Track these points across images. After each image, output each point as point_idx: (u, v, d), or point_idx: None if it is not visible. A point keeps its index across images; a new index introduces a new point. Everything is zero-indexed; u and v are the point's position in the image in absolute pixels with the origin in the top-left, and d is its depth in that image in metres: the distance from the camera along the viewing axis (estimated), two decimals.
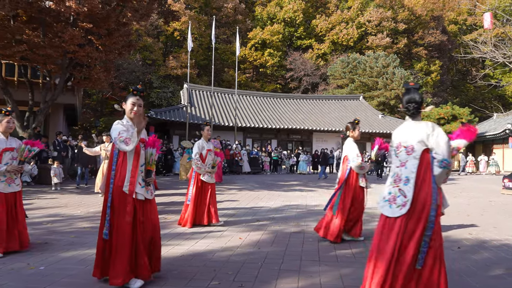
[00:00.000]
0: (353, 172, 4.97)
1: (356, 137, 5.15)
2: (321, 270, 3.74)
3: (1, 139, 4.25)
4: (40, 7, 11.84)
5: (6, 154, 4.22)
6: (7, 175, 4.19)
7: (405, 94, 2.87)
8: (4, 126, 4.25)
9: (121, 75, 29.92)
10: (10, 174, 4.22)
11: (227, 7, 39.40)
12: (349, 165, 5.02)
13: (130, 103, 3.29)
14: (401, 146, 2.78)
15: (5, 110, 4.31)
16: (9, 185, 4.20)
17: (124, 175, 3.17)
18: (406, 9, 42.27)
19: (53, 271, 3.59)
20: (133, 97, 3.29)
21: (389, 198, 2.75)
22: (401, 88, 33.48)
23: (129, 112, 3.29)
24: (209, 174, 5.84)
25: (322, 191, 11.54)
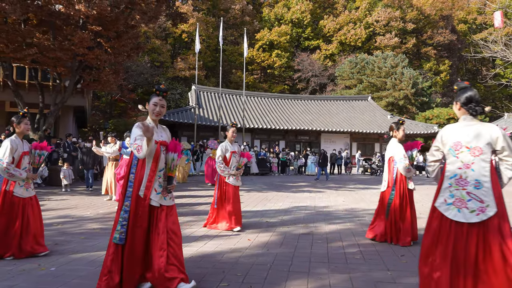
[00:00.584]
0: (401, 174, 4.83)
1: (401, 137, 4.98)
2: (330, 272, 3.71)
3: (19, 142, 4.20)
4: (50, 10, 11.98)
5: (25, 158, 4.22)
6: (25, 180, 4.19)
7: (463, 93, 2.74)
8: (23, 127, 4.22)
9: (130, 77, 30.15)
10: (28, 180, 4.23)
11: (234, 8, 39.50)
12: (395, 166, 4.88)
13: (152, 103, 3.16)
14: (462, 146, 2.64)
15: (23, 111, 4.27)
16: (26, 189, 4.20)
17: (142, 179, 3.06)
18: (414, 9, 41.95)
19: (63, 272, 3.62)
20: (156, 97, 3.15)
21: (453, 201, 2.59)
22: (410, 89, 33.23)
23: (151, 113, 3.17)
24: (234, 177, 5.69)
25: (331, 192, 11.48)
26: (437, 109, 31.05)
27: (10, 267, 3.74)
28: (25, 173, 4.14)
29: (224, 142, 5.84)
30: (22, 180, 4.14)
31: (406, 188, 4.84)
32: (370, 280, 3.48)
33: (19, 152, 4.15)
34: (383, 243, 4.89)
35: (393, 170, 4.91)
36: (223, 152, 5.71)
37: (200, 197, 9.66)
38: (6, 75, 13.67)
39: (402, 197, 4.81)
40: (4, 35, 12.14)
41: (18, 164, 4.15)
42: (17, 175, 4.08)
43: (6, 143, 4.08)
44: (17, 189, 4.11)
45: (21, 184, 4.15)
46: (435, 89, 39.63)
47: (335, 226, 6.11)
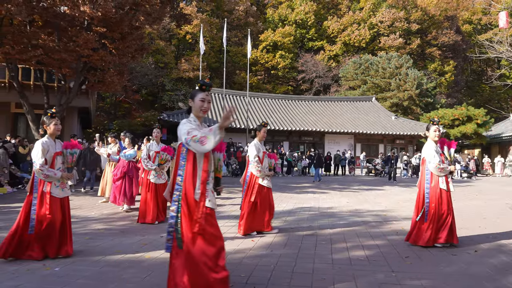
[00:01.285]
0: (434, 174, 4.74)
1: (433, 138, 4.86)
2: (334, 273, 3.70)
3: (51, 143, 4.18)
4: (55, 12, 12.06)
5: (57, 158, 4.21)
6: (61, 180, 4.20)
7: None
8: (53, 128, 4.18)
9: (134, 78, 30.25)
10: (63, 179, 4.24)
11: (238, 9, 39.54)
12: (427, 167, 4.79)
13: (199, 99, 2.96)
14: None
15: (51, 112, 4.21)
16: (62, 189, 4.22)
17: (195, 180, 2.84)
18: (419, 9, 41.79)
19: (68, 272, 3.64)
20: (202, 93, 2.96)
21: None
22: (414, 89, 33.09)
23: (198, 110, 2.97)
24: (268, 178, 5.53)
25: (335, 193, 11.45)
26: (442, 110, 30.88)
27: (15, 267, 3.76)
28: (59, 173, 4.14)
29: (255, 141, 5.50)
30: (58, 180, 4.15)
31: (440, 188, 4.67)
32: (375, 281, 3.47)
33: (51, 153, 4.14)
34: (386, 245, 4.87)
35: (426, 171, 4.80)
36: (257, 152, 5.41)
37: None
38: (11, 76, 13.77)
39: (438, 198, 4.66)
40: (10, 36, 12.24)
41: (52, 165, 4.15)
42: (52, 175, 4.06)
43: (38, 145, 4.08)
44: (53, 189, 4.11)
45: (56, 185, 4.15)
46: (439, 90, 39.43)
47: (339, 227, 6.09)
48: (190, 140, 2.72)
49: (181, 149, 2.90)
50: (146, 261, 4.07)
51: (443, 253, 4.48)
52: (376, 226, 6.17)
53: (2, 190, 10.23)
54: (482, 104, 36.09)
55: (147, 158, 6.56)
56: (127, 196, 7.50)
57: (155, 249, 4.55)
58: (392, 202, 9.41)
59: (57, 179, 4.13)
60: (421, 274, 3.70)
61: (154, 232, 5.50)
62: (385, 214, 7.38)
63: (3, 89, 16.50)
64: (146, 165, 6.53)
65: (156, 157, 6.60)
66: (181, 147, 2.90)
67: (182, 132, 2.81)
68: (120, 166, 7.65)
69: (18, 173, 11.98)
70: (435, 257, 4.32)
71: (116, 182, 7.55)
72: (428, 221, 4.67)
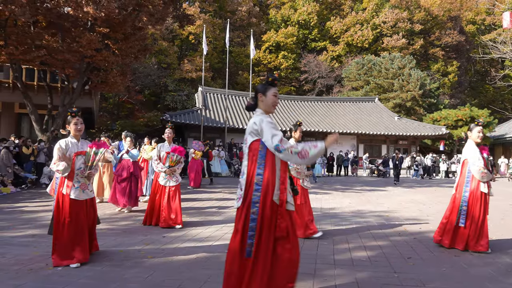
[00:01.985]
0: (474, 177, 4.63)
1: (475, 139, 4.76)
2: (336, 273, 3.70)
3: (73, 142, 4.04)
4: (59, 13, 12.12)
5: (78, 158, 4.01)
6: (81, 181, 3.99)
7: None
8: (73, 128, 4.02)
9: (137, 79, 30.33)
10: (84, 180, 4.01)
11: (241, 10, 39.57)
12: (469, 169, 4.67)
13: (272, 94, 2.85)
14: None
15: (71, 111, 4.04)
16: (83, 191, 3.98)
17: (274, 182, 2.71)
18: (422, 10, 41.67)
19: (70, 272, 3.65)
20: (274, 88, 2.87)
21: None
22: (417, 90, 33.00)
23: (270, 105, 2.88)
24: (307, 179, 5.42)
25: (337, 194, 11.43)
26: (445, 110, 30.79)
27: (17, 267, 3.78)
28: (62, 164, 3.87)
29: (292, 141, 5.27)
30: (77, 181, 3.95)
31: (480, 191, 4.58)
32: (377, 282, 3.46)
33: (71, 152, 3.96)
34: (389, 246, 4.85)
35: (466, 172, 4.71)
36: None
37: (206, 199, 9.67)
38: (15, 77, 13.85)
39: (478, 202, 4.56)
40: (14, 37, 12.32)
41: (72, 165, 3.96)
42: (60, 168, 3.85)
43: (56, 145, 3.97)
44: (73, 191, 3.91)
45: (76, 186, 3.93)
46: (443, 90, 39.30)
47: (342, 227, 6.08)
48: (285, 150, 2.63)
49: (258, 147, 2.76)
50: (148, 261, 4.08)
51: (446, 254, 4.46)
52: (378, 227, 6.15)
53: (6, 190, 10.28)
54: (486, 105, 35.98)
55: (157, 159, 6.15)
56: (132, 197, 7.31)
57: (158, 249, 4.56)
58: (395, 203, 9.39)
59: (63, 170, 3.86)
60: (423, 275, 3.69)
61: (156, 232, 5.51)
62: (387, 215, 7.37)
63: (7, 89, 16.60)
64: (156, 167, 6.12)
65: (167, 158, 6.15)
66: (259, 145, 2.76)
67: (269, 135, 2.69)
68: (125, 166, 7.41)
69: (22, 173, 12.03)
70: (437, 258, 4.30)
71: (122, 183, 7.29)
72: (468, 226, 4.54)
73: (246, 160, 2.81)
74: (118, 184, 7.33)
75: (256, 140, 2.77)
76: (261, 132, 2.73)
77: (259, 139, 2.75)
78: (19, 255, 4.20)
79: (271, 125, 2.73)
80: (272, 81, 2.89)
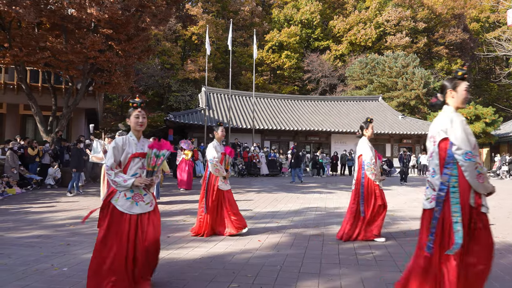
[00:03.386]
0: None
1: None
2: (341, 273, 3.68)
3: (131, 140, 3.22)
4: (63, 14, 12.18)
5: (135, 161, 3.17)
6: (135, 191, 3.11)
7: None
8: (133, 122, 3.22)
9: (140, 80, 30.41)
10: (139, 189, 3.13)
11: (244, 10, 39.58)
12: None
13: (464, 89, 2.75)
14: None
15: (133, 101, 3.28)
16: (136, 203, 3.09)
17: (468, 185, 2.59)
18: (425, 8, 41.49)
19: (76, 272, 3.66)
20: (464, 83, 2.79)
21: None
22: (421, 89, 32.87)
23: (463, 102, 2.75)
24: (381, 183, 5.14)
25: (341, 193, 11.40)
26: None
27: (23, 267, 3.79)
28: (131, 180, 3.03)
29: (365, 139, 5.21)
30: (130, 190, 3.08)
31: None
32: (382, 281, 3.44)
33: (128, 152, 3.17)
34: (394, 245, 4.83)
35: None
36: (372, 152, 5.09)
37: None
38: (20, 79, 13.93)
39: None
40: (18, 39, 12.39)
41: (125, 168, 3.14)
42: (120, 183, 3.02)
43: (111, 143, 3.22)
44: (121, 201, 3.07)
45: (128, 196, 3.08)
46: None
47: None
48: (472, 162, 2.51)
49: (447, 146, 2.64)
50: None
51: None
52: (383, 226, 6.12)
53: (11, 191, 10.34)
54: (491, 103, 35.75)
55: (218, 161, 5.28)
56: None
57: (162, 249, 4.55)
58: (400, 202, 9.35)
59: (127, 188, 3.05)
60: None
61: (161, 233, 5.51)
62: (392, 214, 7.33)
63: (11, 91, 16.70)
64: (216, 170, 5.24)
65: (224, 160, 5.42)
66: (448, 144, 2.64)
67: (461, 138, 2.57)
68: None
69: (27, 174, 12.10)
70: None
71: None
72: None
73: (436, 159, 2.70)
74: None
75: (445, 139, 2.66)
76: (449, 131, 2.63)
77: (447, 138, 2.65)
78: (25, 255, 4.22)
79: (464, 126, 2.60)
80: (462, 75, 2.76)
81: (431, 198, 2.67)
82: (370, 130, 5.14)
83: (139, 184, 3.06)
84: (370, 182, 4.98)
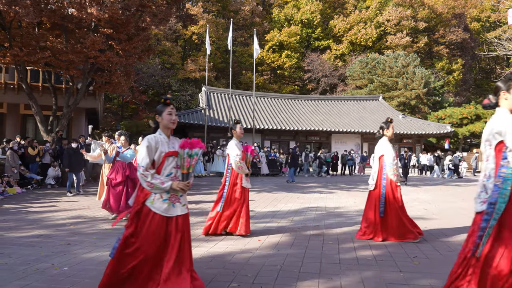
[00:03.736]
0: None
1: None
2: (341, 273, 3.68)
3: (162, 139, 3.02)
4: (63, 14, 12.18)
5: (169, 160, 2.99)
6: (171, 192, 2.93)
7: None
8: (167, 119, 3.04)
9: (141, 79, 30.44)
10: (175, 191, 2.95)
11: (244, 9, 39.59)
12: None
13: None
14: None
15: (165, 97, 3.13)
16: (173, 205, 2.93)
17: None
18: (426, 7, 41.48)
19: (76, 272, 3.66)
20: None
21: None
22: (421, 88, 32.86)
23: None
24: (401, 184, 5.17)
25: (342, 193, 11.40)
26: (450, 108, 30.65)
27: (23, 267, 3.80)
28: (169, 182, 2.86)
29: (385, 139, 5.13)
30: (166, 192, 2.90)
31: None
32: (382, 281, 3.44)
33: (162, 152, 2.96)
34: (394, 245, 4.83)
35: None
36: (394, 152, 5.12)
37: (208, 200, 9.67)
38: (20, 78, 13.94)
39: None
40: (18, 39, 12.40)
41: (159, 168, 2.95)
42: (158, 185, 2.83)
43: (143, 142, 2.97)
44: (158, 203, 2.88)
45: (164, 197, 2.90)
46: (447, 88, 39.11)
47: (347, 227, 6.06)
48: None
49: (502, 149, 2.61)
50: None
51: (452, 253, 4.43)
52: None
53: (12, 190, 10.34)
54: None
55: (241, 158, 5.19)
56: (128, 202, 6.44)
57: None
58: None
59: (165, 191, 2.89)
60: (429, 274, 3.66)
61: None
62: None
63: (12, 90, 16.71)
64: (239, 167, 5.15)
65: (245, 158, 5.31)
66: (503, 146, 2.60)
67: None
68: (120, 168, 6.58)
69: (27, 174, 12.10)
70: (443, 257, 4.27)
71: (116, 187, 6.49)
72: None
73: (492, 163, 2.66)
74: (112, 189, 6.51)
75: (500, 142, 2.62)
76: (505, 134, 2.58)
77: (502, 141, 2.60)
78: (25, 255, 4.23)
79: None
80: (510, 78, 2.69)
81: (482, 201, 2.64)
82: (390, 130, 5.07)
83: (177, 188, 2.89)
84: (392, 183, 4.94)
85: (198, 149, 3.06)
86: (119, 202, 6.42)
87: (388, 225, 4.94)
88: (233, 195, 5.16)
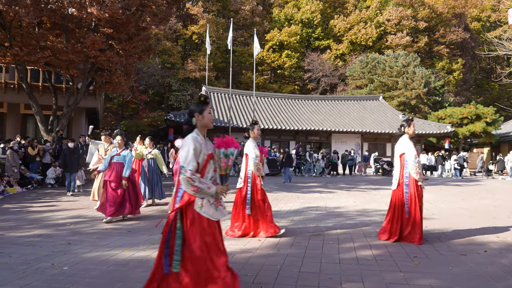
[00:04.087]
0: None
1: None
2: (341, 273, 3.68)
3: (202, 140, 2.92)
4: (63, 14, 12.18)
5: (210, 163, 2.90)
6: (214, 195, 2.84)
7: None
8: (208, 118, 2.98)
9: (141, 79, 30.42)
10: (218, 195, 2.88)
11: (244, 9, 39.57)
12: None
13: None
14: None
15: (204, 95, 3.02)
16: (216, 208, 2.86)
17: None
18: (426, 7, 41.46)
19: (76, 271, 3.66)
20: None
21: None
22: (422, 88, 32.84)
23: None
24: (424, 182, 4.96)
25: (342, 193, 11.40)
26: (450, 108, 30.61)
27: (24, 266, 3.80)
28: (214, 187, 2.79)
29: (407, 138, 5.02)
30: (211, 195, 2.81)
31: None
32: (382, 281, 3.44)
33: (204, 154, 2.85)
34: (394, 245, 4.83)
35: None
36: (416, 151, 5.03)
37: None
38: (20, 78, 13.94)
39: None
40: (18, 38, 12.40)
41: (203, 171, 2.83)
42: (204, 189, 2.73)
43: (188, 142, 2.85)
44: (206, 208, 2.78)
45: (211, 202, 2.81)
46: (448, 88, 39.08)
47: (347, 226, 6.06)
48: None
49: None
50: (154, 260, 4.08)
51: (452, 253, 4.43)
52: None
53: (12, 190, 10.35)
54: (491, 102, 35.70)
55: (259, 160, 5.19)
56: (132, 205, 6.47)
57: None
58: None
59: (211, 195, 2.79)
60: (429, 274, 3.66)
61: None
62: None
63: (12, 90, 16.71)
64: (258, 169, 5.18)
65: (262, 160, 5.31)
66: None
67: None
68: (118, 170, 6.39)
69: (27, 173, 12.11)
70: (443, 257, 4.27)
71: (116, 190, 6.33)
72: None
73: None
74: (112, 191, 6.32)
75: None
76: None
77: None
78: (25, 255, 4.23)
79: None
80: None
81: None
82: (412, 128, 4.97)
83: (220, 192, 2.84)
84: (414, 182, 4.83)
85: (233, 148, 2.96)
86: (116, 206, 6.25)
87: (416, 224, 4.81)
88: (257, 197, 5.17)
